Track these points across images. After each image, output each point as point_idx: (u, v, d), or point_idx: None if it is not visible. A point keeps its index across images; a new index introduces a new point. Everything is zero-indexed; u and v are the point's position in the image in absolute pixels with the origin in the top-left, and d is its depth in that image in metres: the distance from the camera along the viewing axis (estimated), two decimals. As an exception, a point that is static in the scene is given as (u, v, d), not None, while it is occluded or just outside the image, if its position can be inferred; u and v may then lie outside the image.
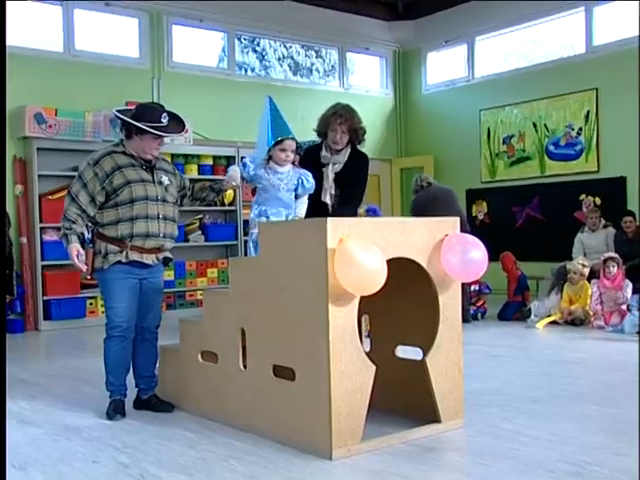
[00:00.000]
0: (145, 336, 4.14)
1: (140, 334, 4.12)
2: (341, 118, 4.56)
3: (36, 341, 7.37)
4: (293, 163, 4.25)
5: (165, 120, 3.99)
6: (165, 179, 4.10)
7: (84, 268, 3.91)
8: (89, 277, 4.09)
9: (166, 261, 4.21)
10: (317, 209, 4.37)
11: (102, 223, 3.97)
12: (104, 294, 4.05)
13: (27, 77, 8.05)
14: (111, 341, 4.00)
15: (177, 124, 4.12)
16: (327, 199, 4.55)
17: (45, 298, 7.96)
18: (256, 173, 4.18)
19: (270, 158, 4.17)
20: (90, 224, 4.00)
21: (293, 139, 4.17)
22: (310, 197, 4.33)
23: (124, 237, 3.93)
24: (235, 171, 4.24)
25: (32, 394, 4.67)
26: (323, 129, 4.64)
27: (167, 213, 4.07)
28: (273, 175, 4.15)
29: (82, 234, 3.95)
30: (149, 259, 4.04)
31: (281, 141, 4.12)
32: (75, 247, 3.87)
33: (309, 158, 4.69)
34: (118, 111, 4.06)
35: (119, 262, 3.95)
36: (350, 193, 4.62)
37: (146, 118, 3.95)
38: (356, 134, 4.63)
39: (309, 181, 4.22)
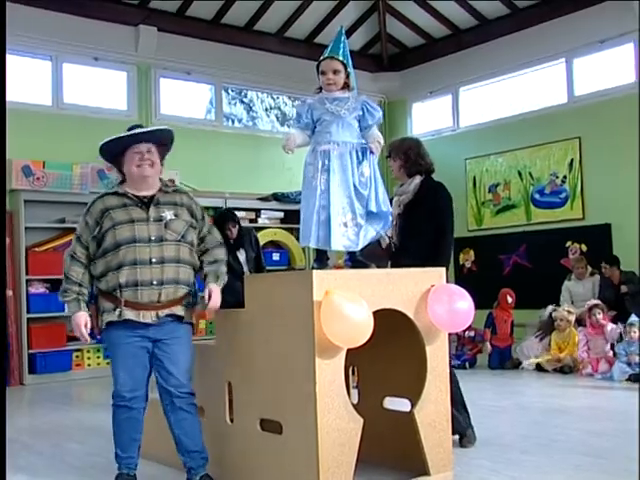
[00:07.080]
0: (175, 404, 3.45)
1: (169, 402, 3.47)
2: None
3: (20, 396, 7.25)
4: (347, 87, 3.58)
5: (136, 131, 3.49)
6: (168, 214, 3.46)
7: (88, 340, 3.50)
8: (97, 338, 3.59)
9: (179, 320, 3.47)
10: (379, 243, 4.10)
11: (96, 275, 3.46)
12: (109, 357, 3.56)
13: (15, 130, 8.04)
14: (115, 410, 3.48)
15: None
16: (389, 232, 4.14)
17: (30, 351, 7.85)
18: (312, 113, 3.55)
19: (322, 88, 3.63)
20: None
21: (332, 58, 3.52)
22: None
23: (114, 289, 3.37)
24: (288, 139, 3.55)
25: (14, 452, 4.55)
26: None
27: (166, 254, 3.40)
28: (330, 103, 3.52)
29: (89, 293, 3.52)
30: (147, 317, 3.38)
31: (318, 64, 3.58)
32: (84, 316, 3.42)
33: None
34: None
35: (112, 322, 3.40)
36: (436, 230, 4.33)
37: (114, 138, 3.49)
38: (408, 157, 4.29)
39: (375, 108, 3.62)
